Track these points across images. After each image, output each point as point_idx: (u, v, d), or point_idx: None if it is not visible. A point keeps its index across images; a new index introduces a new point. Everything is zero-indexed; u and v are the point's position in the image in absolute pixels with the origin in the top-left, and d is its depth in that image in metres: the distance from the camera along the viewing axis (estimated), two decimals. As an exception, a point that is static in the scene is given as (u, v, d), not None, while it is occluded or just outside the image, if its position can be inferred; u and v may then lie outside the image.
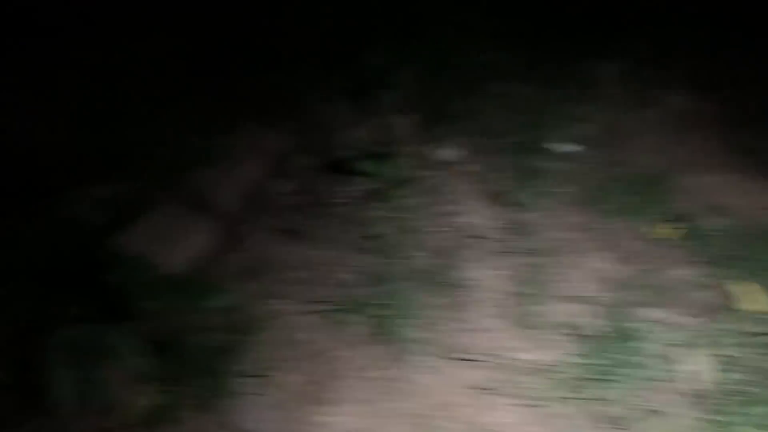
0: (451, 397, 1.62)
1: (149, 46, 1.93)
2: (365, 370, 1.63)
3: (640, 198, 2.19)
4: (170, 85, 2.02)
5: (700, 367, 1.72)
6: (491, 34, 2.61)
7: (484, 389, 1.64)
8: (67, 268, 1.46)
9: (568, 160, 2.30)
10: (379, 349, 1.67)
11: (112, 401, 1.46)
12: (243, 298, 1.70)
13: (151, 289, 1.44)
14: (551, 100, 2.47)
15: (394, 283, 1.79)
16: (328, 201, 1.98)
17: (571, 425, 1.57)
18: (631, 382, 1.65)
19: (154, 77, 2.00)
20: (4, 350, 1.51)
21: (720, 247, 2.08)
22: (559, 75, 2.58)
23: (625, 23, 2.74)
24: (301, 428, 1.50)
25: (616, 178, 2.25)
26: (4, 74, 1.91)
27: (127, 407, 1.46)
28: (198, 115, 1.89)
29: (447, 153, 2.20)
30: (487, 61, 2.50)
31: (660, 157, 2.45)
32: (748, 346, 1.79)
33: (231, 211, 1.87)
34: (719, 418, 1.62)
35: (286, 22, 2.03)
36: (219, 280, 1.69)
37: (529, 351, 1.73)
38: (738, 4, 2.83)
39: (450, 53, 2.41)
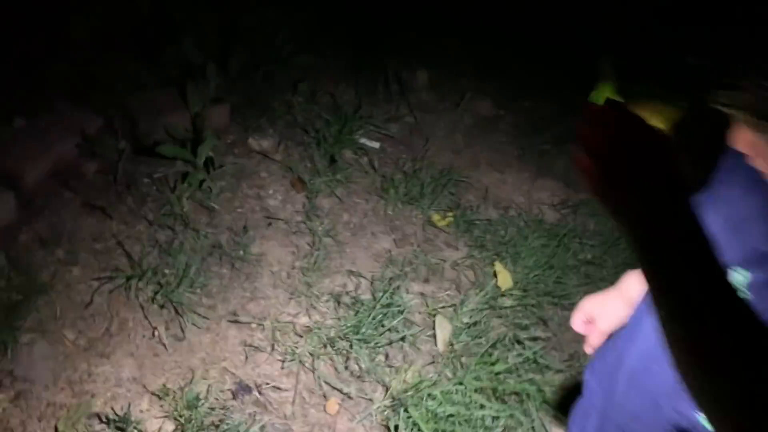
0: (222, 353, 1.85)
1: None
2: (142, 329, 1.83)
3: (428, 190, 2.51)
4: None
5: (440, 330, 2.05)
6: (319, 37, 2.87)
7: (254, 347, 1.88)
8: None
9: (370, 155, 2.59)
10: (159, 312, 1.87)
11: None
12: (29, 263, 1.85)
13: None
14: (365, 102, 2.76)
15: (185, 256, 2.00)
16: (132, 181, 2.15)
17: (319, 375, 1.84)
18: (379, 338, 1.95)
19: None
20: None
21: (491, 234, 2.44)
22: (376, 79, 2.88)
23: (440, 35, 3.08)
24: (72, 375, 1.68)
25: (410, 173, 2.57)
26: None
27: None
28: (6, 91, 2.01)
29: (257, 143, 2.43)
30: (312, 62, 2.75)
31: (457, 156, 2.79)
32: (490, 315, 2.15)
33: (35, 186, 2.01)
34: (448, 371, 1.95)
35: (102, 8, 2.18)
36: (9, 246, 1.83)
37: (299, 316, 1.99)
38: (546, 19, 3.22)
39: (275, 52, 2.65)
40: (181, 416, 1.64)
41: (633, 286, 1.11)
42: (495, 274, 2.26)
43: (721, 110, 0.69)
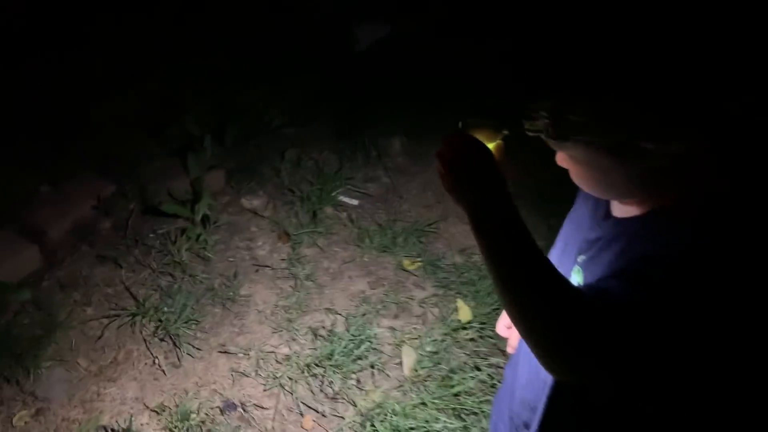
0: (213, 377, 2.13)
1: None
2: (144, 358, 2.12)
3: (401, 240, 2.83)
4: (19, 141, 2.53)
5: (406, 357, 2.32)
6: (304, 111, 3.29)
7: (241, 372, 2.17)
8: None
9: (349, 211, 2.94)
10: (159, 344, 2.18)
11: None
12: (50, 303, 2.17)
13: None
14: (345, 165, 3.14)
15: (182, 297, 2.32)
16: (139, 236, 2.50)
17: (297, 396, 2.11)
18: (351, 365, 2.22)
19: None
20: None
21: (455, 276, 2.74)
22: (356, 146, 3.27)
23: (412, 107, 3.50)
24: (84, 396, 1.97)
25: (385, 225, 2.90)
26: None
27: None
28: (37, 163, 2.41)
29: (249, 202, 2.79)
30: (297, 133, 3.16)
31: (428, 210, 3.12)
32: (451, 345, 2.42)
33: (57, 240, 2.36)
34: (412, 393, 2.21)
35: (119, 94, 2.61)
36: (33, 290, 2.17)
37: (280, 347, 2.28)
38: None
39: (264, 125, 3.06)
40: (175, 428, 1.91)
41: None
42: (457, 310, 2.55)
43: (533, 135, 1.01)
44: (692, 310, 0.78)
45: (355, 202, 2.99)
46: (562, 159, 0.95)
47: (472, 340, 2.48)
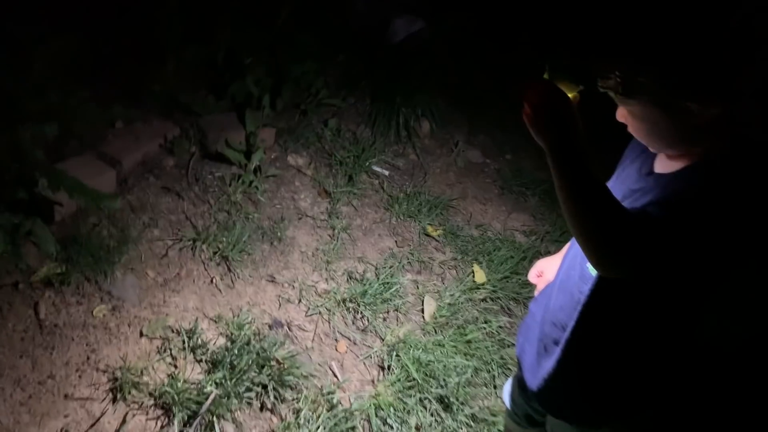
0: (262, 299, 2.43)
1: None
2: (203, 277, 2.41)
3: (425, 209, 3.15)
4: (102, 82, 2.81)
5: (427, 306, 2.63)
6: (347, 88, 3.60)
7: (286, 299, 2.46)
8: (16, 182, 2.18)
9: (381, 179, 3.25)
10: (216, 267, 2.47)
11: (27, 266, 2.17)
12: (124, 222, 2.46)
13: (71, 198, 2.19)
14: (378, 140, 3.45)
15: (237, 230, 2.61)
16: (199, 175, 2.79)
17: (333, 325, 2.42)
18: (380, 305, 2.53)
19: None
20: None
21: (472, 245, 3.06)
22: (389, 124, 3.58)
23: (443, 96, 3.82)
24: (153, 300, 2.26)
25: (411, 195, 3.21)
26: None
27: (36, 271, 2.17)
28: (115, 102, 2.68)
29: (294, 160, 3.10)
30: (339, 105, 3.47)
31: (449, 188, 3.45)
32: (466, 302, 2.73)
33: (129, 169, 2.65)
34: (431, 335, 2.52)
35: (191, 52, 2.91)
36: (112, 211, 2.45)
37: (319, 283, 2.58)
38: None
39: (312, 95, 3.36)
40: (231, 333, 2.20)
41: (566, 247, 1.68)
42: (473, 273, 2.87)
43: (604, 91, 1.14)
44: (707, 231, 1.06)
45: (386, 172, 3.30)
46: (621, 115, 1.18)
47: (484, 300, 2.79)
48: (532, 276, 1.70)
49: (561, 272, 1.47)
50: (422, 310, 2.63)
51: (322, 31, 3.26)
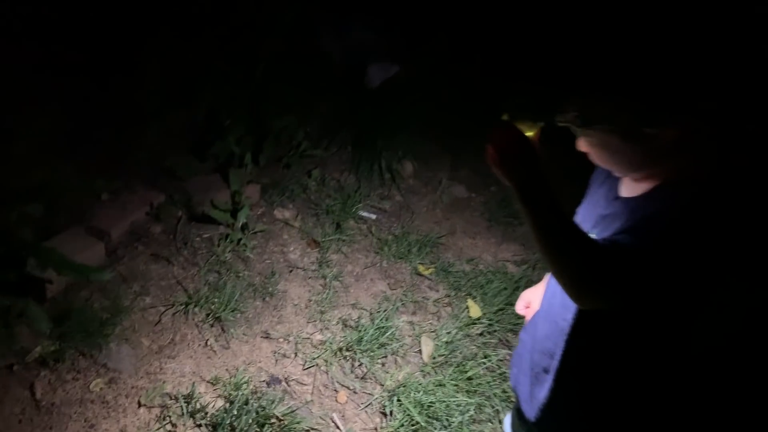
0: (258, 357, 2.42)
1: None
2: (198, 341, 2.42)
3: (415, 249, 3.17)
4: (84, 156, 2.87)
5: (425, 346, 2.63)
6: (328, 137, 3.67)
7: (282, 354, 2.46)
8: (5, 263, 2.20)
9: (368, 223, 3.28)
10: (210, 329, 2.47)
11: (21, 347, 2.17)
12: (116, 293, 2.47)
13: (60, 274, 2.21)
14: (363, 185, 3.50)
15: (228, 290, 2.62)
16: (187, 239, 2.82)
17: (331, 375, 2.41)
18: (377, 351, 2.53)
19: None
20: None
21: (464, 280, 3.07)
22: (372, 168, 3.64)
23: (423, 135, 3.89)
24: (149, 368, 2.25)
25: (400, 236, 3.24)
26: None
27: (29, 351, 2.18)
28: (99, 174, 2.74)
29: (281, 213, 3.13)
30: (322, 155, 3.53)
31: (437, 225, 3.48)
32: (463, 338, 2.73)
33: (117, 240, 2.67)
34: (431, 376, 2.51)
35: (171, 116, 2.98)
36: (100, 281, 2.46)
37: (315, 334, 2.58)
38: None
39: (294, 148, 3.42)
40: (229, 395, 2.20)
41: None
42: (468, 308, 2.87)
43: (563, 125, 1.23)
44: (681, 256, 1.08)
45: (373, 216, 3.33)
46: (582, 144, 1.22)
47: (481, 334, 2.79)
48: (520, 308, 1.71)
49: (544, 301, 1.48)
50: (420, 351, 2.63)
51: (300, 81, 3.33)
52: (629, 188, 1.26)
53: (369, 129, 3.74)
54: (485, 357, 2.63)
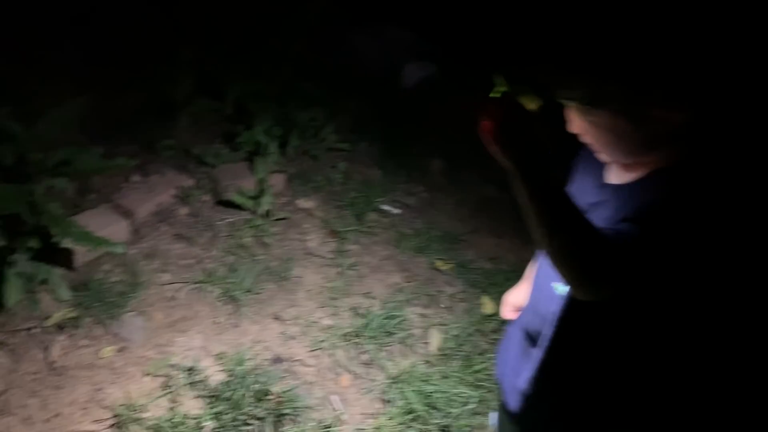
0: (266, 337, 2.47)
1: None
2: (209, 318, 2.49)
3: (435, 244, 3.16)
4: (120, 141, 3.02)
5: (433, 339, 2.61)
6: (356, 132, 3.71)
7: (290, 336, 2.50)
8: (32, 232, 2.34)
9: (389, 217, 3.29)
10: (223, 307, 2.54)
11: (42, 312, 2.30)
12: (135, 267, 2.58)
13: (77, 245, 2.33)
14: (389, 180, 3.51)
15: (244, 272, 2.69)
16: (210, 222, 2.91)
17: (336, 359, 2.43)
18: (384, 339, 2.53)
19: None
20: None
21: (482, 279, 3.03)
22: (400, 164, 3.66)
23: (454, 134, 3.87)
24: (159, 341, 2.34)
25: (421, 231, 3.23)
26: None
27: (49, 316, 2.30)
28: (132, 158, 2.87)
29: (303, 202, 3.19)
30: (349, 149, 3.58)
31: (462, 224, 3.44)
32: (475, 333, 2.69)
33: (143, 219, 2.79)
34: (436, 367, 2.48)
35: (201, 106, 3.10)
36: (123, 256, 2.58)
37: (323, 319, 2.61)
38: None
39: (320, 140, 3.49)
40: (231, 370, 2.25)
41: (530, 271, 1.64)
42: (483, 305, 2.83)
43: (565, 102, 1.14)
44: (677, 242, 1.05)
45: (396, 211, 3.34)
46: (578, 126, 1.17)
47: (494, 331, 2.75)
48: (507, 313, 1.69)
49: (531, 294, 1.47)
50: (428, 343, 2.61)
51: (328, 79, 3.41)
52: (618, 175, 1.22)
53: (399, 126, 3.76)
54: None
